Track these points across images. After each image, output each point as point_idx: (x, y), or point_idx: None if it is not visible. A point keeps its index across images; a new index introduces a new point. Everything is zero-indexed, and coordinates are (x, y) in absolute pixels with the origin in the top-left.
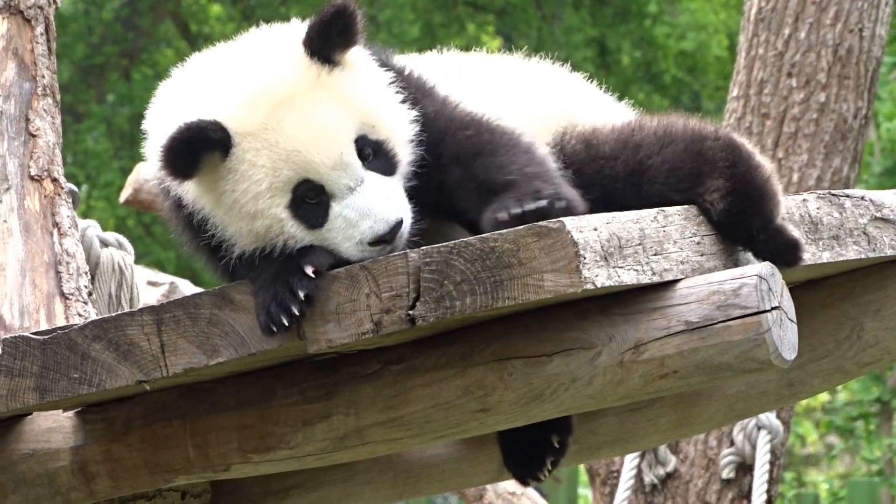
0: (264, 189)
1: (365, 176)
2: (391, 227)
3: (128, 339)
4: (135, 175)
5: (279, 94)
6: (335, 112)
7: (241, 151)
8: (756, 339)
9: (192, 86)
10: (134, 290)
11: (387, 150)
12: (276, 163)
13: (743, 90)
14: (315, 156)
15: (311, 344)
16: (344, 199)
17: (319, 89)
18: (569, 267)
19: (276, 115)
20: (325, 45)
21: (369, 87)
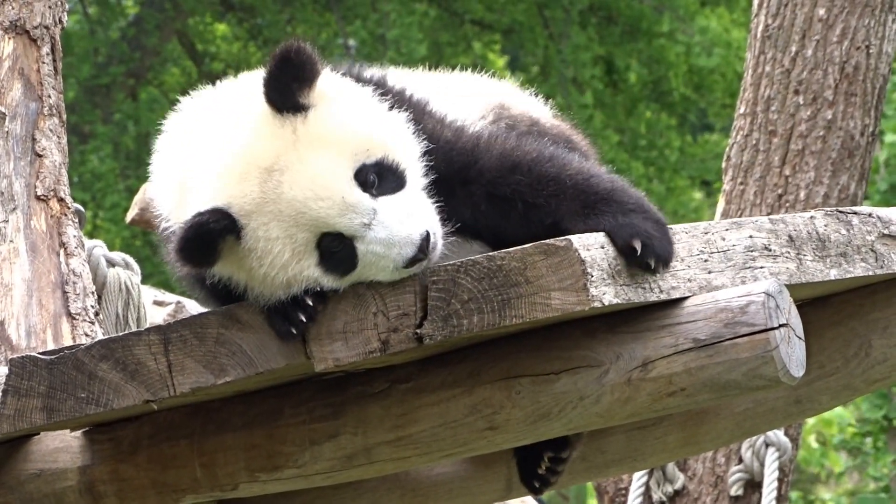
0: (289, 258)
1: (376, 206)
2: (419, 246)
3: (135, 358)
4: (141, 195)
5: (265, 163)
6: (323, 159)
7: (251, 230)
8: (764, 356)
9: (181, 162)
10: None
11: (389, 166)
12: (288, 230)
13: (750, 107)
14: (320, 210)
15: (318, 363)
16: (365, 237)
17: (300, 142)
18: (576, 285)
19: (269, 185)
20: (286, 97)
21: (350, 112)
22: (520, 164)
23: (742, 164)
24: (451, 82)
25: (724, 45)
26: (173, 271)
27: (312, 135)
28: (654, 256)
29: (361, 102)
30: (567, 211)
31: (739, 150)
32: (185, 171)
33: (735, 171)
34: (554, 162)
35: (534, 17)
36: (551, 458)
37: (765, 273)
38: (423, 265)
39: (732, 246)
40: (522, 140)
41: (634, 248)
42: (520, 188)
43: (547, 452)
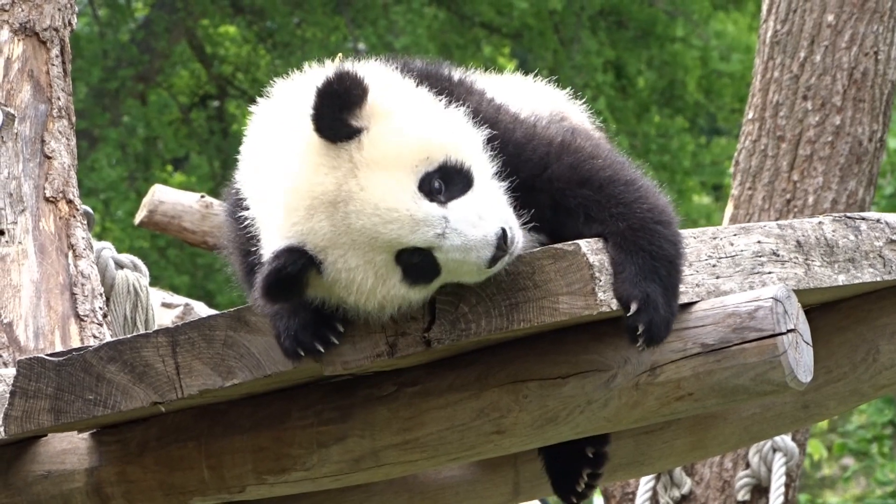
0: (373, 282)
1: (446, 213)
2: (496, 245)
3: (143, 360)
4: (150, 197)
5: (329, 196)
6: (384, 181)
7: (330, 264)
8: (772, 361)
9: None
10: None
11: (454, 167)
12: (365, 255)
13: (758, 113)
14: (391, 232)
15: (326, 366)
16: (442, 247)
17: (358, 169)
18: (584, 289)
19: (337, 218)
20: (336, 128)
21: (404, 124)
22: (590, 180)
23: (750, 170)
24: (506, 83)
25: (743, 49)
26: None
27: (369, 159)
28: (644, 326)
29: (415, 107)
30: (615, 231)
31: (748, 156)
32: (259, 187)
33: (744, 176)
34: (629, 188)
35: (544, 21)
36: (590, 474)
37: (773, 278)
38: (507, 260)
39: (741, 251)
40: (598, 151)
41: (628, 307)
42: (586, 203)
43: (585, 469)
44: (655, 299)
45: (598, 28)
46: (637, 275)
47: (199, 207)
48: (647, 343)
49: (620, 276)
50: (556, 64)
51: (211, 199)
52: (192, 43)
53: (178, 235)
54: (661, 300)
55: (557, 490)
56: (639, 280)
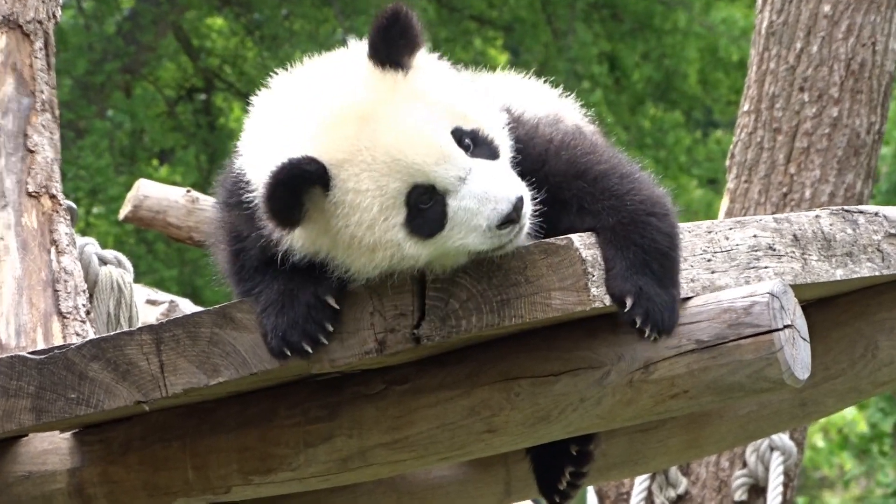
0: (376, 213)
1: (471, 163)
2: (514, 205)
3: (126, 358)
4: (135, 191)
5: (362, 111)
6: (423, 110)
7: (341, 182)
8: (768, 357)
9: (277, 123)
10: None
11: (484, 137)
12: (379, 180)
13: (754, 105)
14: (417, 157)
15: (313, 363)
16: (458, 192)
17: (399, 93)
18: (577, 285)
19: (365, 133)
20: (390, 50)
21: (448, 83)
22: (586, 173)
23: (746, 163)
24: (502, 82)
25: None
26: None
27: (414, 89)
28: (642, 317)
29: (458, 79)
30: (606, 225)
31: (744, 148)
32: (276, 136)
33: (739, 169)
34: (623, 181)
35: (536, 13)
36: (572, 472)
37: (769, 273)
38: (515, 232)
39: (736, 245)
40: (596, 148)
41: (623, 303)
42: (580, 194)
43: (568, 468)
44: (649, 290)
45: (591, 20)
46: (628, 269)
47: (184, 202)
48: (656, 332)
49: (612, 273)
50: (549, 57)
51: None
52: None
53: (164, 231)
54: (655, 290)
55: (542, 489)
56: (630, 274)
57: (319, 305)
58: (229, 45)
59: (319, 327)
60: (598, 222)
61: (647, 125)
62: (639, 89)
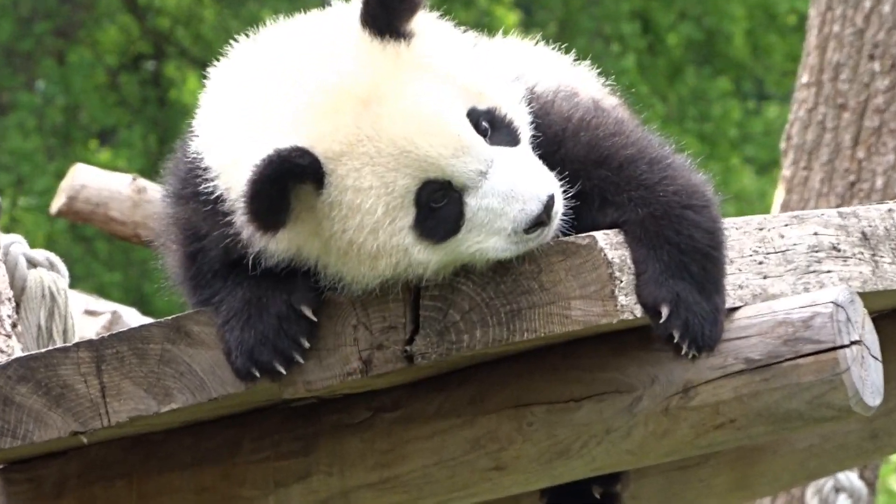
0: (381, 215)
1: (493, 154)
2: (545, 204)
3: (61, 380)
4: (69, 180)
5: (361, 92)
6: (434, 89)
7: (338, 178)
8: (832, 380)
9: (248, 100)
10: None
11: (503, 118)
12: (385, 176)
13: (815, 76)
14: (429, 148)
15: (285, 386)
16: (479, 189)
17: (404, 69)
18: (602, 292)
19: (367, 119)
20: (389, 16)
21: (458, 51)
22: (609, 159)
23: (805, 145)
24: (506, 48)
25: None
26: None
27: (419, 62)
28: (681, 330)
29: (467, 46)
30: (635, 219)
31: (802, 128)
32: (248, 116)
33: (797, 153)
34: (653, 167)
35: None
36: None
37: (833, 278)
38: (544, 234)
39: (793, 245)
40: (621, 128)
41: (657, 312)
42: (602, 185)
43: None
44: (688, 298)
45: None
46: (663, 273)
47: (130, 192)
48: (696, 348)
49: (643, 277)
50: (569, 15)
51: (145, 182)
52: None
53: (104, 227)
54: (695, 297)
55: None
56: (665, 279)
57: (293, 316)
58: (182, 3)
59: (293, 343)
60: (624, 217)
61: (688, 94)
62: (676, 54)
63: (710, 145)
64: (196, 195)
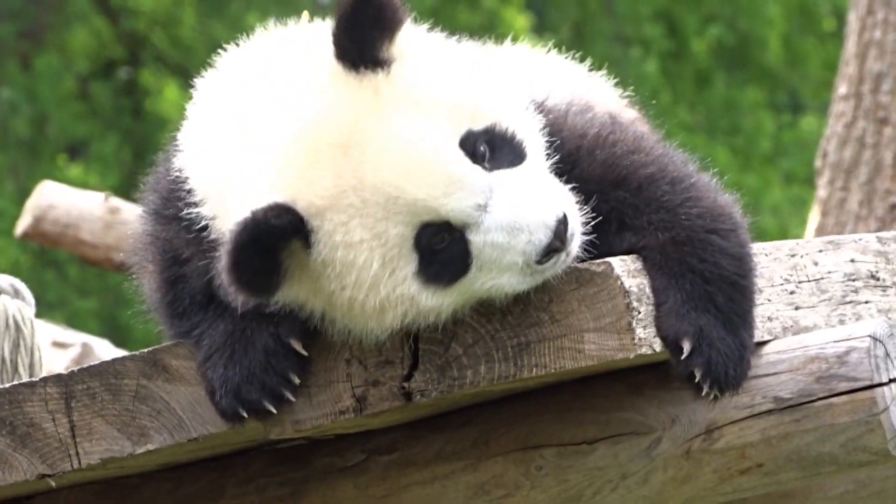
0: (378, 269)
1: (492, 181)
2: (554, 230)
3: (27, 418)
4: (36, 199)
5: (339, 136)
6: (418, 123)
7: (325, 235)
8: (868, 421)
9: (234, 126)
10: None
11: (503, 135)
12: (375, 227)
13: (853, 87)
14: (418, 191)
15: (272, 427)
16: (481, 224)
17: (384, 105)
18: (618, 324)
19: (348, 167)
20: (363, 49)
21: (446, 67)
22: (627, 179)
23: (843, 164)
24: (513, 56)
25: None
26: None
27: (400, 94)
28: (703, 369)
29: (459, 58)
30: (655, 244)
31: (839, 144)
32: (230, 150)
33: (833, 172)
34: (676, 187)
35: None
36: None
37: (871, 310)
38: (561, 261)
39: (828, 273)
40: (640, 145)
41: (678, 347)
42: (620, 207)
43: None
44: (711, 333)
45: None
46: (685, 304)
47: (102, 213)
48: (718, 389)
49: (664, 308)
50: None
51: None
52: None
53: (74, 250)
54: (719, 333)
55: None
56: (687, 311)
57: (281, 350)
58: (160, 3)
59: (282, 379)
60: (643, 242)
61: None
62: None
63: (742, 159)
64: (178, 217)
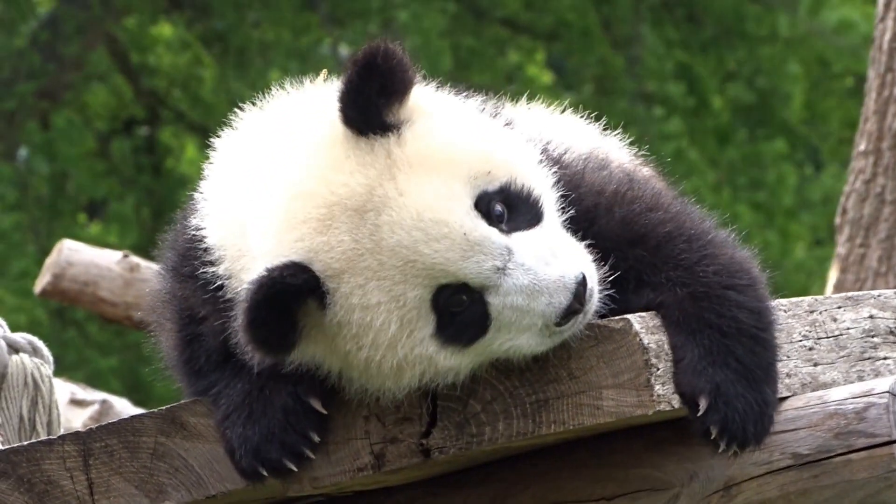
0: (396, 331)
1: (510, 243)
2: (575, 291)
3: (45, 475)
4: (55, 256)
5: (355, 202)
6: (432, 186)
7: (342, 297)
8: (888, 477)
9: (252, 187)
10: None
11: (519, 193)
12: (393, 290)
13: (873, 143)
14: (435, 255)
15: (290, 484)
16: (500, 287)
17: (398, 168)
18: (637, 380)
19: (363, 231)
20: (369, 116)
21: (458, 127)
22: (646, 238)
23: (863, 220)
24: (530, 116)
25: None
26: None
27: (413, 157)
28: (719, 427)
29: (470, 116)
30: (672, 301)
31: (859, 201)
32: (247, 210)
33: (853, 228)
34: (693, 245)
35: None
36: None
37: (890, 366)
38: (580, 322)
39: (847, 329)
40: (658, 202)
41: (696, 404)
42: (639, 265)
43: None
44: (729, 389)
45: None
46: (702, 359)
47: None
48: (736, 446)
49: (681, 365)
50: (607, 73)
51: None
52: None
53: (93, 308)
54: (738, 389)
55: None
56: (705, 366)
57: (301, 410)
58: (180, 62)
59: (302, 438)
60: (661, 298)
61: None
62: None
63: (764, 214)
64: (195, 276)
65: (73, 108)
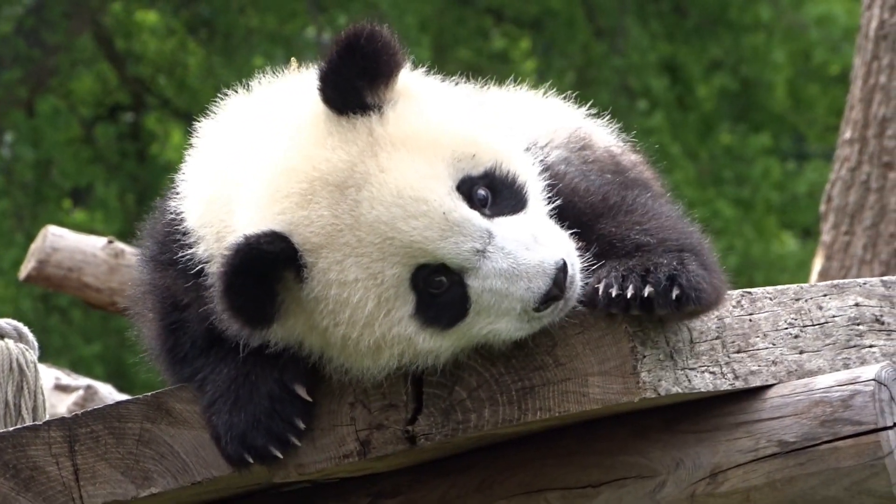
0: (373, 308)
1: (490, 227)
2: (555, 277)
3: (30, 461)
4: (40, 242)
5: (336, 177)
6: (413, 166)
7: (319, 272)
8: (873, 465)
9: (233, 168)
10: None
11: (504, 178)
12: (371, 267)
13: (858, 131)
14: (414, 233)
15: (275, 470)
16: (480, 269)
17: (380, 146)
18: (622, 368)
19: (343, 207)
20: (346, 96)
21: (444, 109)
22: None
23: (847, 208)
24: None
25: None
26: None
27: (397, 136)
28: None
29: (457, 101)
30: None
31: (844, 189)
32: (226, 190)
33: (838, 216)
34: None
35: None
36: None
37: (875, 354)
38: (560, 308)
39: (832, 317)
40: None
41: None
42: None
43: None
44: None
45: (647, 15)
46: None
47: (105, 256)
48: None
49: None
50: (590, 63)
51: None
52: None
53: (78, 294)
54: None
55: None
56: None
57: (286, 397)
58: (165, 49)
59: (288, 425)
60: None
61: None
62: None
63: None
64: (175, 262)
65: (58, 95)
